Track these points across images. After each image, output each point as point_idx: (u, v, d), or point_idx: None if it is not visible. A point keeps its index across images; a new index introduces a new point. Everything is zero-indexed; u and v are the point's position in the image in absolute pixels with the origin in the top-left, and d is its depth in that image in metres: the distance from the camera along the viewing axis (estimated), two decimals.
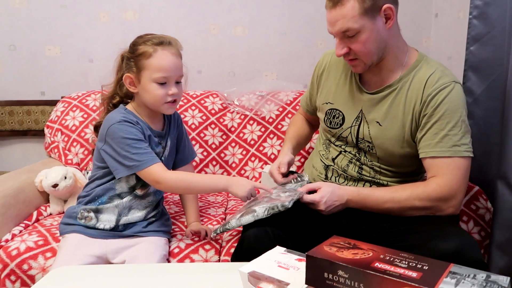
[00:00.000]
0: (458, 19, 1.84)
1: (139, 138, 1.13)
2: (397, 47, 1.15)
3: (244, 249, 1.04)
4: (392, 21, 1.09)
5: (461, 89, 1.11)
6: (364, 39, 1.07)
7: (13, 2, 1.93)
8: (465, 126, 1.09)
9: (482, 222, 1.31)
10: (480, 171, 1.35)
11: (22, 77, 1.99)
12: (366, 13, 1.05)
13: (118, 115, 1.15)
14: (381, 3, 1.06)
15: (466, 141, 1.08)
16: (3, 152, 2.06)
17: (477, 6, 1.34)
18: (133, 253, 1.15)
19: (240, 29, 2.03)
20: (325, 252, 0.68)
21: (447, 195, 1.07)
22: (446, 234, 0.97)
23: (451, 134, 1.07)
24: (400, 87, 1.14)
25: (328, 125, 1.26)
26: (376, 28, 1.07)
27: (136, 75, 1.15)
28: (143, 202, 1.22)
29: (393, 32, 1.12)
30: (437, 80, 1.09)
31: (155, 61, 1.13)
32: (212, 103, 1.81)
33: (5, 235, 1.27)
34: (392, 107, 1.15)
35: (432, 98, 1.09)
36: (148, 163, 1.12)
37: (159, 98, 1.15)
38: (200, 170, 1.72)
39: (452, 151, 1.07)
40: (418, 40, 2.07)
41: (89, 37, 1.97)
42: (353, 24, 1.06)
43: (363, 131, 1.19)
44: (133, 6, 1.98)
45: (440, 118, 1.08)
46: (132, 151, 1.11)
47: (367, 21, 1.06)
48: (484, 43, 1.34)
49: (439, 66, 1.14)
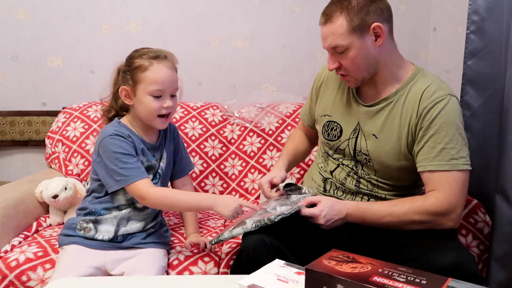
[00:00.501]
0: (456, 33, 1.86)
1: (128, 153, 1.14)
2: (391, 62, 1.16)
3: (243, 261, 1.04)
4: (382, 39, 1.10)
5: (457, 102, 1.12)
6: (353, 56, 1.10)
7: (16, 14, 1.96)
8: (462, 139, 1.09)
9: (481, 235, 1.31)
10: (479, 184, 1.36)
11: (24, 87, 2.01)
12: (354, 31, 1.08)
13: (111, 129, 1.17)
14: (370, 21, 1.08)
15: (464, 154, 1.09)
16: (3, 162, 2.07)
17: (474, 21, 1.37)
18: (131, 264, 1.15)
19: (240, 41, 2.05)
20: (324, 265, 0.69)
21: (446, 209, 1.07)
22: (444, 248, 0.97)
23: (448, 147, 1.07)
24: (396, 100, 1.15)
25: (326, 137, 1.27)
26: (364, 46, 1.09)
27: (131, 88, 1.17)
28: (142, 214, 1.22)
29: (385, 49, 1.13)
30: (433, 93, 1.10)
31: (151, 75, 1.15)
32: (212, 115, 1.82)
33: (4, 246, 1.27)
34: (388, 120, 1.16)
35: (428, 111, 1.09)
36: (134, 178, 1.12)
37: (154, 110, 1.16)
38: (200, 182, 1.73)
39: (450, 165, 1.07)
40: (416, 54, 2.10)
41: (91, 48, 1.99)
42: (341, 41, 1.09)
43: (360, 143, 1.20)
44: (135, 18, 2.00)
45: (437, 131, 1.08)
46: (120, 165, 1.13)
47: (355, 39, 1.08)
48: (481, 57, 1.36)
49: (435, 79, 1.15)
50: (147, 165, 1.21)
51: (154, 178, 1.24)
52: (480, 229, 1.31)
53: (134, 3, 1.99)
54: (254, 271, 0.81)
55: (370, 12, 1.08)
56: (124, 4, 1.99)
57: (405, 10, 2.05)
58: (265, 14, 2.03)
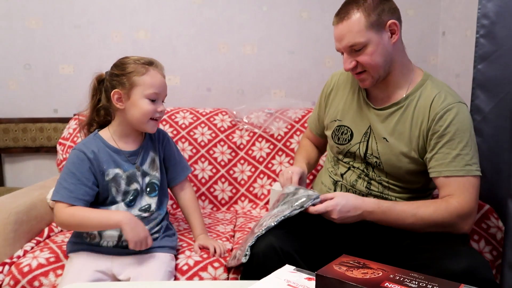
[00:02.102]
0: (466, 37, 1.85)
1: (73, 172, 1.16)
2: (403, 63, 1.18)
3: (253, 266, 1.04)
4: (397, 36, 1.13)
5: (467, 109, 1.13)
6: (371, 52, 1.11)
7: (29, 23, 1.99)
8: (474, 145, 1.11)
9: (494, 241, 1.29)
10: (491, 190, 1.34)
11: (36, 95, 2.04)
12: (371, 27, 1.09)
13: (82, 142, 1.23)
14: (386, 18, 1.11)
15: (476, 161, 1.10)
16: (16, 168, 2.10)
17: (484, 25, 1.36)
18: (138, 269, 1.15)
19: (249, 48, 2.06)
20: (335, 271, 0.68)
21: (467, 212, 1.08)
22: (456, 254, 0.96)
23: (463, 153, 1.09)
24: (407, 105, 1.16)
25: (336, 142, 1.28)
26: (382, 42, 1.11)
27: (127, 91, 1.18)
28: (145, 219, 1.23)
29: (398, 48, 1.16)
30: (444, 100, 1.11)
31: (149, 79, 1.18)
32: (221, 121, 1.83)
33: (17, 251, 1.28)
34: (399, 124, 1.16)
35: (440, 117, 1.10)
36: (56, 196, 1.15)
37: (149, 113, 1.18)
38: (209, 187, 1.74)
39: (465, 170, 1.09)
40: (426, 58, 2.09)
41: (101, 56, 2.02)
42: (359, 38, 1.10)
43: (371, 146, 1.20)
44: (144, 26, 2.02)
45: (452, 138, 1.09)
46: (60, 179, 1.17)
47: (373, 35, 1.10)
48: (491, 61, 1.35)
49: (444, 86, 1.16)
50: (128, 174, 1.21)
51: (151, 190, 1.25)
52: (492, 235, 1.29)
53: (144, 11, 2.02)
54: (264, 277, 0.81)
55: (385, 10, 1.11)
56: (133, 12, 2.01)
57: (414, 15, 2.05)
58: (273, 20, 2.05)
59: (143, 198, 1.24)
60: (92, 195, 1.18)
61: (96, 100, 1.25)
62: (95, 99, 1.25)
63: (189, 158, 1.75)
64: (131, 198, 1.22)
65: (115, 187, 1.20)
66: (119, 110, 1.21)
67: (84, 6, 2.00)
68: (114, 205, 1.21)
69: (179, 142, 1.76)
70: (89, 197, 1.17)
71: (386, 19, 1.11)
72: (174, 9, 2.02)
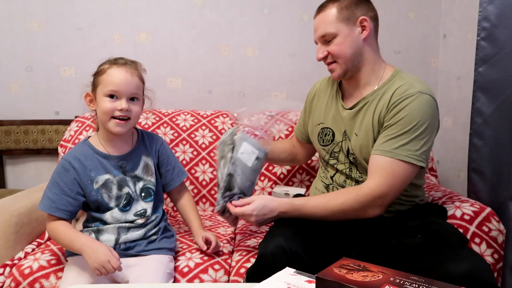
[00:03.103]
0: (467, 40, 1.85)
1: (57, 182, 1.16)
2: (374, 61, 1.23)
3: (261, 267, 1.04)
4: (367, 32, 1.19)
5: (428, 100, 1.13)
6: (340, 42, 1.19)
7: (31, 26, 2.00)
8: (418, 135, 1.11)
9: (495, 244, 1.29)
10: (492, 192, 1.34)
11: (38, 97, 2.05)
12: (342, 20, 1.18)
13: (70, 151, 1.22)
14: (358, 14, 1.18)
15: (412, 148, 1.11)
16: (17, 170, 2.10)
17: (484, 28, 1.36)
18: (136, 272, 1.15)
19: (250, 50, 2.07)
20: (335, 274, 0.68)
21: (376, 197, 1.11)
22: (458, 257, 0.96)
23: (399, 138, 1.11)
24: (373, 99, 1.20)
25: (322, 144, 1.33)
26: (351, 35, 1.19)
27: (94, 92, 1.19)
28: (142, 225, 1.23)
29: (369, 45, 1.21)
30: (404, 91, 1.15)
31: (107, 77, 1.16)
32: (222, 123, 1.83)
33: (18, 253, 1.29)
34: (364, 119, 1.21)
35: (395, 106, 1.14)
36: (40, 205, 1.16)
37: (108, 110, 1.15)
38: (210, 189, 1.74)
39: (393, 153, 1.11)
40: (426, 61, 2.09)
41: (103, 58, 1.99)
42: (330, 29, 1.19)
43: (350, 145, 1.25)
44: (146, 29, 2.03)
45: (396, 123, 1.13)
46: (46, 188, 1.17)
47: (343, 27, 1.18)
48: (492, 64, 1.35)
49: (411, 79, 1.18)
50: (119, 179, 1.21)
51: (146, 195, 1.25)
52: (494, 238, 1.29)
53: (145, 14, 2.02)
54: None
55: (359, 7, 1.19)
56: (135, 15, 2.02)
57: (415, 17, 2.05)
58: (274, 23, 2.05)
59: (138, 203, 1.24)
60: (77, 206, 1.18)
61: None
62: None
63: (190, 161, 1.75)
64: (124, 203, 1.21)
65: (107, 193, 1.19)
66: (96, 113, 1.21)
67: (86, 8, 2.01)
68: (108, 211, 1.20)
69: (180, 144, 1.76)
70: (72, 208, 1.17)
71: (359, 14, 1.18)
72: (175, 12, 2.03)
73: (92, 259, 1.07)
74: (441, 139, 2.11)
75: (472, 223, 1.23)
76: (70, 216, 1.17)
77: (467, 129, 1.52)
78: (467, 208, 1.25)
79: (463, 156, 1.82)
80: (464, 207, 1.26)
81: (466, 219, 1.23)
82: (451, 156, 2.03)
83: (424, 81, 1.20)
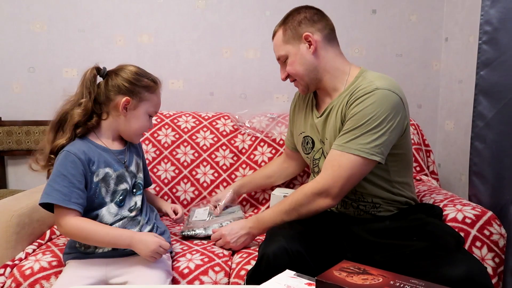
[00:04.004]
0: (469, 43, 1.85)
1: (65, 174, 1.10)
2: (334, 68, 1.26)
3: (262, 269, 1.04)
4: (315, 46, 1.23)
5: (385, 95, 1.13)
6: (291, 61, 1.26)
7: (33, 27, 2.01)
8: (371, 129, 1.11)
9: (496, 248, 1.28)
10: (493, 196, 1.34)
11: (40, 98, 2.05)
12: (288, 41, 1.25)
13: (70, 144, 1.15)
14: (302, 31, 1.24)
15: (363, 141, 1.11)
16: (18, 171, 2.11)
17: (486, 32, 1.36)
18: (134, 272, 1.14)
19: (252, 52, 2.07)
20: (335, 277, 0.68)
21: (320, 190, 1.15)
22: (454, 260, 0.96)
23: (350, 133, 1.13)
24: (338, 103, 1.22)
25: (305, 152, 1.38)
26: (299, 53, 1.24)
27: (136, 102, 1.20)
28: (135, 222, 1.22)
29: (323, 56, 1.25)
30: (362, 88, 1.16)
31: (156, 98, 1.25)
32: (223, 125, 1.83)
33: (19, 254, 1.29)
34: (331, 123, 1.24)
35: (351, 103, 1.16)
36: (46, 198, 1.09)
37: (145, 128, 1.26)
38: (211, 191, 1.74)
39: (343, 147, 1.13)
40: (428, 64, 2.09)
41: (105, 59, 2.02)
42: (280, 52, 1.28)
43: (326, 151, 1.27)
44: (148, 30, 2.04)
45: (350, 119, 1.15)
46: (50, 182, 1.10)
47: (290, 47, 1.25)
48: (494, 68, 1.35)
49: (373, 78, 1.19)
50: (118, 174, 1.20)
51: (136, 189, 1.25)
52: (495, 242, 1.28)
53: (147, 16, 2.03)
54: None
55: (301, 24, 1.24)
56: (137, 16, 2.03)
57: (417, 21, 2.05)
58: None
59: (131, 199, 1.24)
60: (85, 199, 1.13)
61: (93, 94, 1.19)
62: (91, 92, 1.19)
63: (191, 162, 1.75)
64: (120, 198, 1.20)
65: (105, 187, 1.18)
66: (116, 115, 1.20)
67: (88, 10, 2.02)
68: (104, 207, 1.17)
69: (181, 146, 1.76)
70: (83, 201, 1.12)
71: (302, 31, 1.23)
72: (177, 14, 2.03)
73: (144, 251, 1.12)
74: (443, 142, 2.11)
75: (473, 226, 1.23)
76: (82, 209, 1.12)
77: (468, 133, 1.51)
78: (468, 212, 1.25)
79: (464, 159, 1.82)
80: (466, 211, 1.26)
81: (468, 223, 1.23)
82: (452, 159, 2.03)
83: (389, 78, 1.20)
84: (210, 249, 1.32)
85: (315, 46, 1.23)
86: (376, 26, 2.06)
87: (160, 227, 1.30)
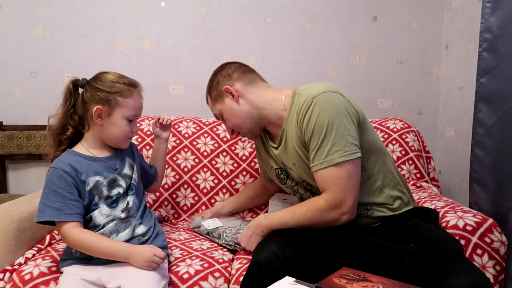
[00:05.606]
0: (469, 50, 1.86)
1: (55, 190, 1.13)
2: (266, 102, 1.31)
3: (255, 274, 1.04)
4: (237, 94, 1.31)
5: (324, 98, 1.15)
6: (227, 117, 1.34)
7: (36, 32, 2.02)
8: (335, 133, 1.13)
9: (497, 255, 1.28)
10: (494, 203, 1.34)
11: (42, 103, 2.06)
12: (216, 101, 1.35)
13: (56, 160, 1.18)
14: (220, 88, 1.33)
15: (339, 147, 1.13)
16: (19, 175, 2.11)
17: (486, 39, 1.36)
18: (130, 274, 1.13)
19: (253, 58, 2.08)
20: (335, 283, 0.68)
21: (334, 204, 1.13)
22: (457, 271, 0.95)
23: (322, 146, 1.14)
24: (288, 128, 1.26)
25: (282, 183, 1.40)
26: (228, 106, 1.33)
27: (109, 109, 1.19)
28: (127, 223, 1.22)
29: (249, 99, 1.31)
30: (302, 104, 1.19)
31: (132, 102, 1.22)
32: (224, 131, 1.83)
33: (18, 259, 1.28)
34: (290, 148, 1.26)
35: (302, 121, 1.19)
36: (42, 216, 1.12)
37: (127, 133, 1.23)
38: (210, 198, 1.74)
39: (326, 162, 1.13)
40: (429, 71, 2.10)
41: (107, 65, 2.04)
42: (215, 112, 1.38)
43: (297, 175, 1.29)
44: (150, 36, 2.05)
45: (312, 135, 1.16)
46: (43, 200, 1.14)
47: (219, 105, 1.35)
48: (494, 75, 1.35)
49: (306, 90, 1.22)
50: (109, 180, 1.21)
51: (129, 189, 1.26)
52: (496, 249, 1.28)
53: (149, 21, 2.04)
54: (266, 285, 0.80)
55: (219, 82, 1.33)
56: (139, 22, 2.04)
57: (417, 28, 2.06)
58: (277, 31, 2.06)
59: (125, 199, 1.24)
60: (82, 207, 1.16)
61: (70, 106, 1.23)
62: (69, 104, 1.23)
63: (192, 168, 1.75)
64: (113, 199, 1.21)
65: (98, 194, 1.19)
66: (95, 124, 1.21)
67: (91, 15, 2.03)
68: (97, 208, 1.19)
69: (182, 152, 1.77)
70: (79, 210, 1.15)
71: (221, 87, 1.32)
72: (179, 20, 2.05)
73: (139, 262, 1.13)
74: (443, 149, 2.11)
75: (474, 234, 1.23)
76: (81, 218, 1.15)
77: (469, 140, 1.52)
78: (469, 219, 1.25)
79: (465, 166, 1.82)
80: (467, 218, 1.25)
81: (469, 230, 1.23)
82: (453, 167, 2.03)
83: (321, 83, 1.23)
84: (210, 254, 1.32)
85: (237, 95, 1.31)
86: (377, 33, 2.07)
87: (156, 228, 1.31)
